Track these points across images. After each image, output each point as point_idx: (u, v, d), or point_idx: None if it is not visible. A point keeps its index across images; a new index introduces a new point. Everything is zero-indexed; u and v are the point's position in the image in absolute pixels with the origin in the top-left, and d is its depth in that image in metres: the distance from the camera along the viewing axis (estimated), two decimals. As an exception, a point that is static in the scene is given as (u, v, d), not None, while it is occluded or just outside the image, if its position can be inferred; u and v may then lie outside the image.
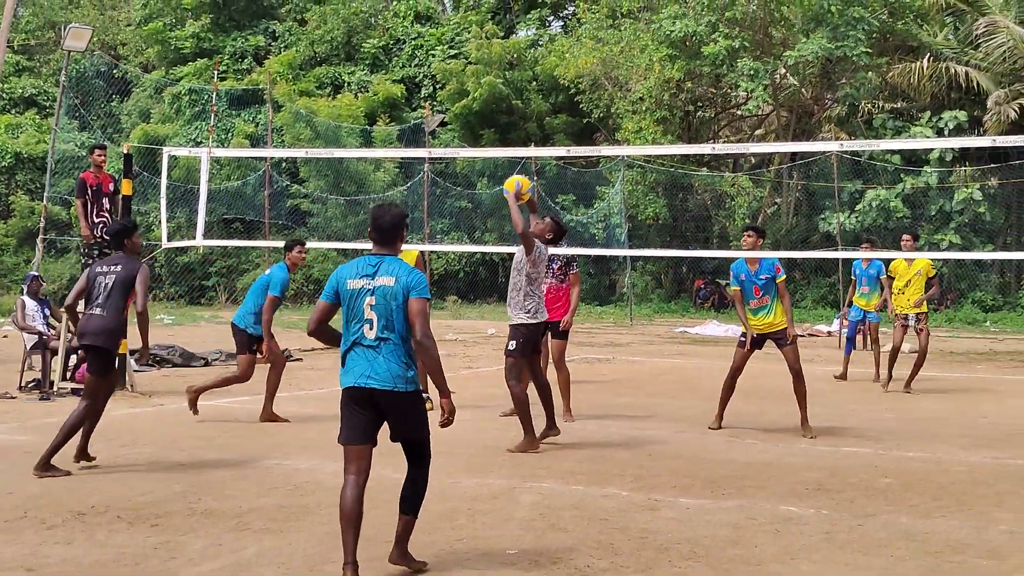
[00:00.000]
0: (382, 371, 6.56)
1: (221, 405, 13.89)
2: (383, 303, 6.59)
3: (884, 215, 32.02)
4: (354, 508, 6.53)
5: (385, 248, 6.83)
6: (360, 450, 6.66)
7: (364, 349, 6.63)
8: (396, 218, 6.88)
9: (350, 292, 6.69)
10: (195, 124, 39.77)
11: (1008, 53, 32.78)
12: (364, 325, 6.63)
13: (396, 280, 6.62)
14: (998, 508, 8.48)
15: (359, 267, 6.73)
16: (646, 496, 8.72)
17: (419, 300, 6.63)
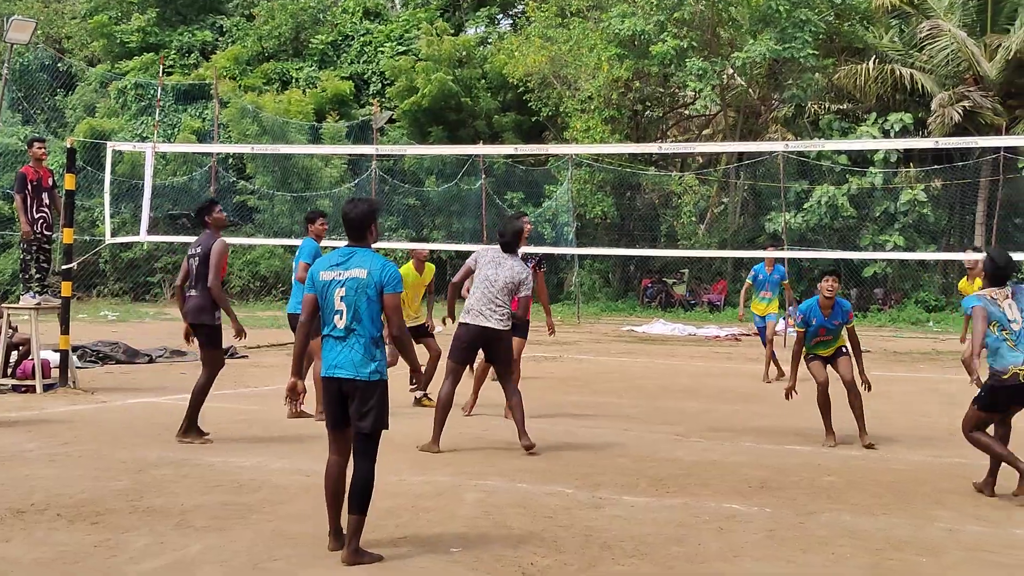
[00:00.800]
0: (347, 360, 6.85)
1: (163, 402, 13.77)
2: (353, 295, 6.82)
3: (832, 213, 32.26)
4: (337, 484, 7.01)
5: (356, 241, 7.03)
6: (340, 434, 7.05)
7: (334, 339, 6.92)
8: (365, 212, 7.05)
9: (323, 283, 6.93)
10: (141, 119, 39.40)
11: (951, 56, 33.15)
12: (335, 316, 6.88)
13: (369, 273, 6.83)
14: (938, 506, 8.57)
15: (331, 259, 6.98)
16: (591, 494, 8.73)
17: (393, 296, 6.88)
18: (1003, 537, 7.61)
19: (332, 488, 7.02)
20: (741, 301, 18.56)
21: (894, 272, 33.20)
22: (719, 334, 27.16)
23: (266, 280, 36.30)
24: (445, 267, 38.47)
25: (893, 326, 29.99)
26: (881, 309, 32.79)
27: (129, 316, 29.51)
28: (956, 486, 9.33)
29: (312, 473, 9.33)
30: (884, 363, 20.48)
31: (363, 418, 6.89)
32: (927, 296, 32.75)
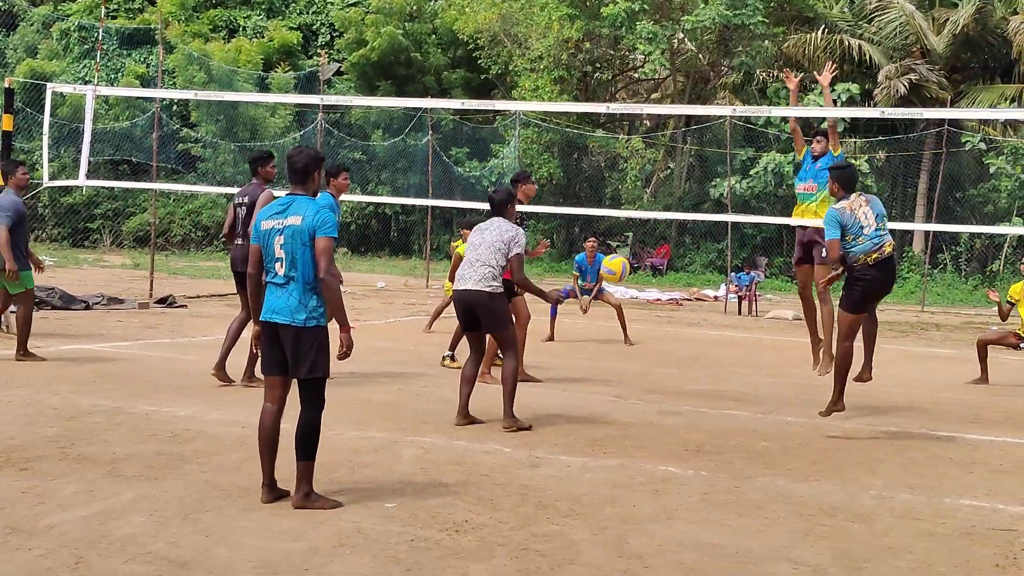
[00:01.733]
0: (284, 306, 6.86)
1: (98, 350, 13.62)
2: (290, 242, 6.84)
3: (777, 180, 32.41)
4: (269, 433, 6.98)
5: (298, 188, 7.05)
6: (275, 380, 7.03)
7: (274, 286, 6.93)
8: (309, 158, 7.08)
9: (264, 232, 6.96)
10: (84, 62, 38.81)
11: (900, 29, 33.36)
12: (276, 263, 6.91)
13: (303, 219, 6.85)
14: (870, 474, 8.64)
15: (272, 207, 7.02)
16: (528, 453, 8.73)
17: (324, 239, 6.84)
18: (934, 505, 7.68)
19: (266, 437, 6.99)
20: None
21: (836, 241, 33.39)
22: (660, 297, 27.26)
23: (208, 230, 35.96)
24: (390, 222, 38.35)
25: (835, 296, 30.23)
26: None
27: (67, 262, 29.15)
28: (888, 454, 9.43)
29: (248, 424, 9.26)
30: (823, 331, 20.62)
31: (300, 365, 6.89)
32: (867, 264, 33.04)
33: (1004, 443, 10.15)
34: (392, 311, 20.73)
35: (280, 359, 6.96)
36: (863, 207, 10.16)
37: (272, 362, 7.00)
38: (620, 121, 38.64)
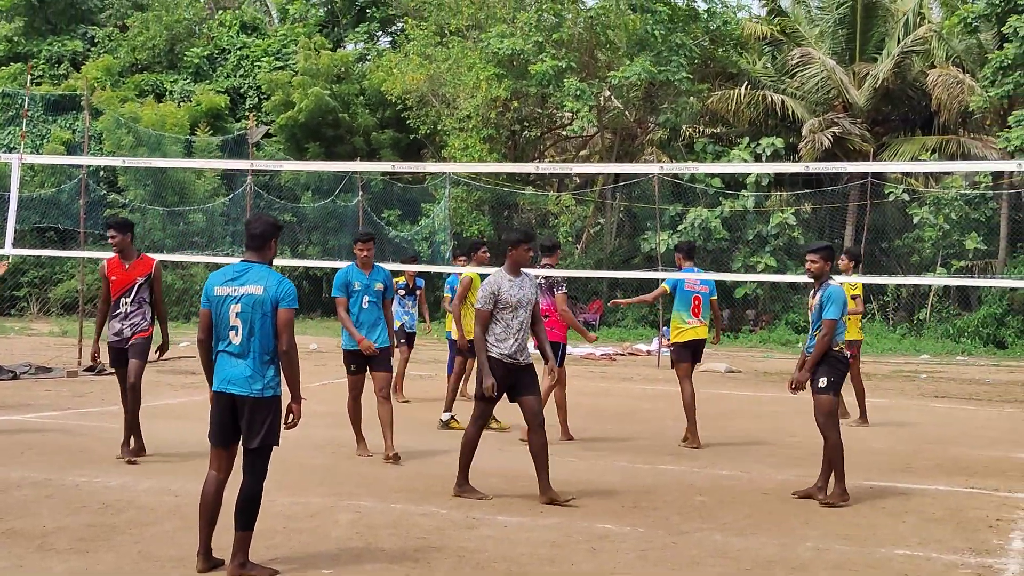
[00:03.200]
0: (238, 376, 6.83)
1: (27, 420, 13.42)
2: (248, 311, 6.82)
3: (705, 235, 32.74)
4: (211, 501, 6.94)
5: (255, 255, 7.06)
6: (221, 451, 7.02)
7: (229, 355, 6.89)
8: (266, 226, 7.12)
9: (217, 298, 6.92)
10: (7, 129, 38.44)
11: (821, 83, 33.94)
12: (231, 331, 6.86)
13: (265, 289, 6.85)
14: (806, 525, 8.71)
15: (226, 273, 6.99)
16: (464, 514, 8.70)
17: (287, 311, 6.89)
18: (868, 556, 7.76)
19: (208, 504, 6.94)
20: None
21: (765, 294, 33.77)
22: (594, 352, 27.34)
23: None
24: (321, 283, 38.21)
25: (764, 347, 30.50)
26: (752, 330, 33.34)
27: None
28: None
29: (181, 493, 9.17)
30: (754, 384, 20.81)
31: (253, 435, 6.85)
32: (797, 318, 33.36)
33: (936, 491, 10.28)
34: (325, 373, 20.60)
35: (231, 429, 6.94)
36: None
37: (222, 431, 6.97)
38: (550, 178, 38.87)
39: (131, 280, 11.16)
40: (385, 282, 11.66)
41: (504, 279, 9.63)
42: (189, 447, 11.55)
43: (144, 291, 11.18)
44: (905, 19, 34.35)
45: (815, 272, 9.95)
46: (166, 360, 21.96)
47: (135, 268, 11.23)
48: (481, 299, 9.57)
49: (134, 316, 11.08)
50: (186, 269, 35.86)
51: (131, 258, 11.26)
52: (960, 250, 31.62)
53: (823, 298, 9.80)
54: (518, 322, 9.54)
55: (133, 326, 11.06)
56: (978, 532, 8.63)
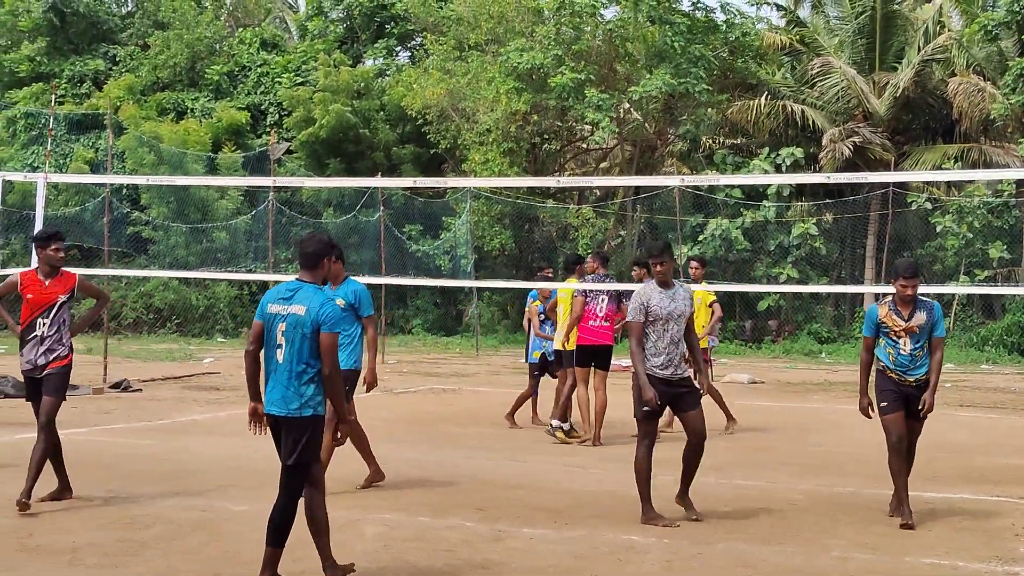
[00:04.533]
0: (279, 397, 6.86)
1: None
2: (292, 331, 6.82)
3: (726, 246, 32.73)
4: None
5: (308, 275, 7.02)
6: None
7: (274, 374, 6.92)
8: (319, 244, 7.07)
9: (269, 315, 6.95)
10: (32, 148, 38.72)
11: (841, 93, 33.89)
12: (276, 349, 6.90)
13: (307, 311, 6.81)
14: (830, 535, 8.70)
15: (280, 291, 6.99)
16: (490, 527, 8.73)
17: (329, 335, 6.84)
18: (892, 565, 7.75)
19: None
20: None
21: (787, 304, 33.72)
22: (619, 364, 27.31)
23: (160, 312, 35.75)
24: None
25: (786, 357, 30.43)
26: (775, 341, 33.28)
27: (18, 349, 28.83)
28: (847, 515, 9.49)
29: (208, 508, 9.23)
30: (777, 394, 20.77)
31: (292, 453, 6.90)
32: (819, 328, 33.31)
33: (962, 500, 10.26)
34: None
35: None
36: None
37: (281, 452, 7.05)
38: (570, 191, 38.88)
39: (51, 299, 9.63)
40: (347, 297, 10.13)
41: (654, 291, 9.34)
42: (214, 463, 11.61)
43: (65, 312, 9.68)
44: (925, 28, 34.32)
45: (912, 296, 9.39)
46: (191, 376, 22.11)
47: (56, 285, 9.67)
48: (632, 311, 9.32)
49: (51, 341, 9.53)
50: (209, 288, 36.00)
51: (53, 274, 9.71)
52: (983, 258, 31.52)
53: (935, 316, 9.46)
54: (669, 336, 9.27)
55: (48, 353, 9.54)
56: (1005, 541, 8.62)
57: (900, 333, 9.42)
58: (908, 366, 9.43)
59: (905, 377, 9.43)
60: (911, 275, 9.40)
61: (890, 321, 9.48)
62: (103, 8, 44.77)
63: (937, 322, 9.47)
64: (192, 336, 34.33)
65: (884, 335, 9.54)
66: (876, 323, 9.57)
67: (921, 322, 9.41)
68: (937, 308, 9.53)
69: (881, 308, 9.60)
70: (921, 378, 9.45)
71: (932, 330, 9.45)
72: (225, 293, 36.00)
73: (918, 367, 9.45)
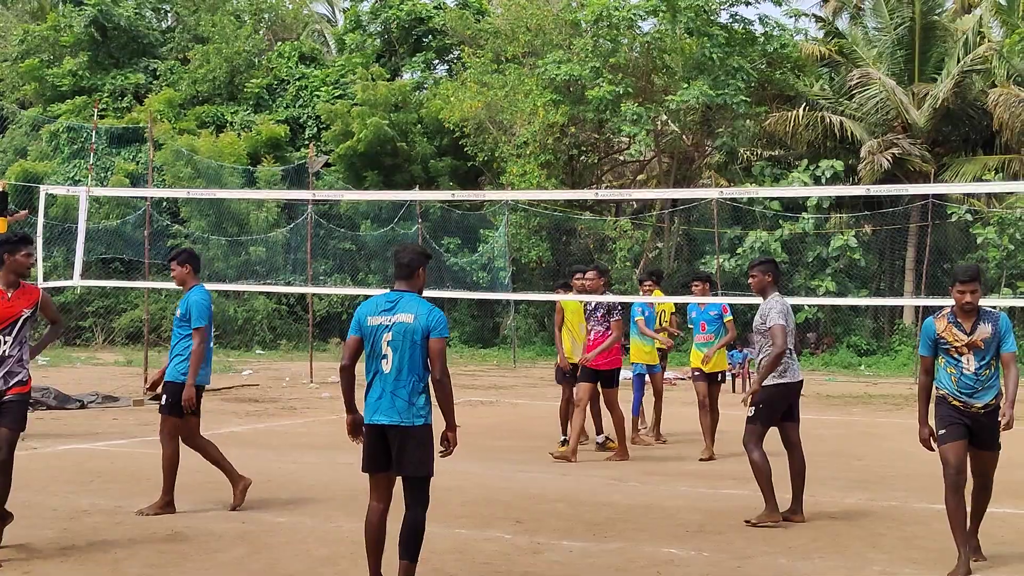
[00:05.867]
0: (391, 406, 6.88)
1: (95, 448, 13.59)
2: (400, 339, 6.88)
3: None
4: (377, 533, 7.06)
5: (404, 284, 7.09)
6: (382, 478, 7.07)
7: (380, 384, 6.92)
8: (414, 255, 7.15)
9: (370, 328, 6.97)
10: (73, 162, 39.06)
11: (880, 104, 33.73)
12: (382, 360, 6.91)
13: (415, 318, 6.90)
14: (873, 549, 8.64)
15: (378, 303, 7.04)
16: (529, 539, 8.72)
17: (439, 340, 6.93)
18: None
19: (373, 536, 7.08)
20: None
21: (826, 317, 33.55)
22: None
23: (192, 323, 35.87)
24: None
25: (826, 370, 30.27)
26: (813, 353, 33.11)
27: (60, 361, 29.10)
28: (889, 529, 9.42)
29: (248, 520, 9.27)
30: (817, 406, 20.66)
31: (407, 463, 6.91)
32: (859, 340, 33.12)
33: (1004, 514, 10.16)
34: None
35: (383, 457, 6.99)
36: None
37: (376, 459, 7.03)
38: (608, 203, 38.87)
39: (15, 312, 8.49)
40: (181, 305, 10.15)
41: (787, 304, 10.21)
42: (254, 474, 11.65)
43: (27, 329, 8.61)
44: (964, 38, 34.10)
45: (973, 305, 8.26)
46: (229, 389, 22.20)
47: (20, 298, 8.54)
48: (789, 321, 10.06)
49: (13, 363, 8.38)
50: (247, 300, 36.18)
51: (15, 285, 8.55)
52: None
53: (1002, 328, 8.27)
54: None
55: (9, 376, 8.35)
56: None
57: (962, 349, 8.20)
58: (974, 388, 8.21)
59: (972, 403, 8.21)
60: (968, 279, 8.21)
61: (950, 336, 8.27)
62: (143, 23, 45.12)
63: (1005, 335, 8.27)
64: (231, 348, 34.50)
65: (944, 353, 8.31)
66: (934, 339, 8.36)
67: (987, 336, 8.20)
68: (1004, 319, 8.32)
69: (939, 322, 8.38)
70: (991, 403, 8.23)
71: (1000, 345, 8.24)
72: (263, 306, 36.17)
73: (987, 389, 8.23)
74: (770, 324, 9.98)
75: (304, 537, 8.68)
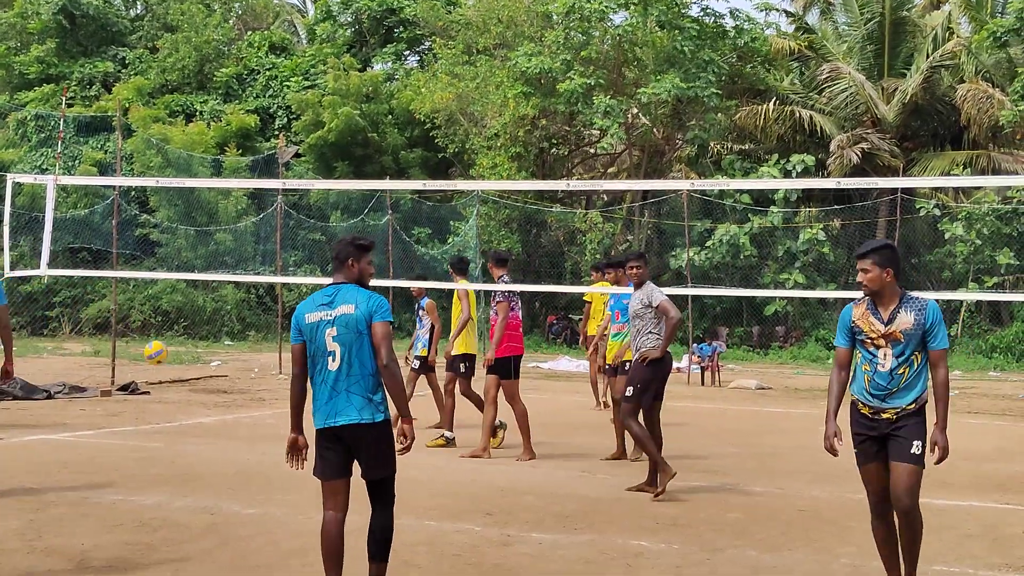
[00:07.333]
0: (346, 405, 6.50)
1: (61, 439, 13.50)
2: (344, 332, 6.52)
3: (733, 252, 32.72)
4: (337, 544, 6.57)
5: (340, 276, 6.75)
6: (336, 484, 6.64)
7: (330, 384, 6.54)
8: (343, 245, 6.83)
9: (310, 326, 6.60)
10: (41, 151, 38.81)
11: (850, 99, 33.90)
12: (328, 358, 6.53)
13: (356, 307, 6.55)
14: (841, 542, 8.67)
15: (315, 300, 6.68)
16: (499, 531, 8.71)
17: (383, 324, 6.57)
18: (904, 572, 7.71)
19: (333, 548, 6.61)
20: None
21: (795, 310, 33.69)
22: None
23: (167, 315, 35.77)
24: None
25: (794, 363, 30.41)
26: (782, 347, 33.25)
27: (26, 351, 28.87)
28: (858, 522, 9.44)
29: (216, 511, 9.22)
30: (786, 400, 20.75)
31: (375, 465, 6.60)
32: (827, 334, 33.23)
33: (971, 507, 10.23)
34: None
35: (342, 462, 6.62)
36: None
37: (332, 465, 6.63)
38: (578, 196, 38.91)
39: None
40: None
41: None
42: (223, 466, 11.61)
43: None
44: (934, 34, 34.34)
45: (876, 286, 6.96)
46: (198, 379, 22.12)
47: None
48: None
49: None
50: (216, 290, 36.02)
51: None
52: (992, 265, 31.47)
53: (929, 319, 6.83)
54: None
55: None
56: (1014, 548, 8.59)
57: (879, 342, 6.87)
58: (887, 390, 6.85)
59: (882, 407, 6.89)
60: (863, 252, 6.99)
61: (865, 324, 6.95)
62: (112, 11, 44.89)
63: (933, 328, 6.78)
64: (199, 339, 34.35)
65: (860, 345, 7.01)
66: (849, 327, 7.09)
67: (907, 326, 6.79)
68: (932, 308, 6.83)
69: (857, 307, 7.08)
70: (905, 408, 6.83)
71: (926, 338, 6.81)
72: (232, 296, 36.02)
73: (902, 391, 6.84)
74: (657, 302, 10.88)
75: (272, 529, 8.65)
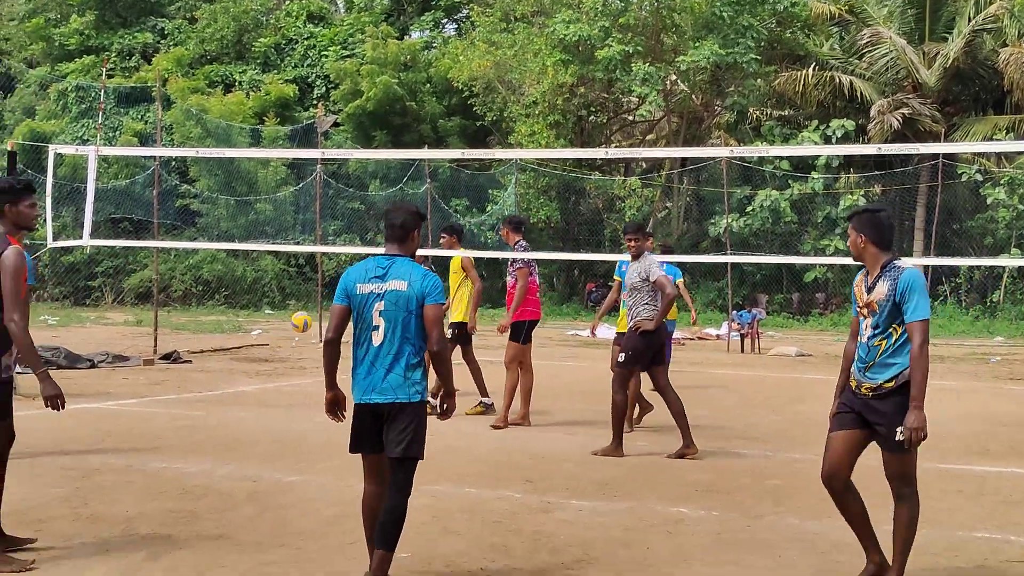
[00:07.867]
0: (383, 382, 6.29)
1: (105, 408, 13.64)
2: (393, 309, 6.28)
3: (774, 218, 32.56)
4: (376, 515, 6.38)
5: (397, 248, 6.47)
6: (373, 459, 6.48)
7: (371, 358, 6.33)
8: (408, 215, 6.52)
9: (359, 297, 6.35)
10: (82, 121, 39.08)
11: (891, 63, 33.56)
12: (372, 331, 6.31)
13: (409, 284, 6.29)
14: (881, 509, 8.64)
15: (368, 269, 6.39)
16: (539, 498, 8.74)
17: (435, 307, 6.30)
18: (946, 539, 7.70)
19: (374, 520, 6.41)
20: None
21: (835, 277, 33.53)
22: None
23: (208, 284, 36.03)
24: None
25: (834, 330, 30.26)
26: (822, 313, 33.11)
27: (70, 321, 29.18)
28: (899, 489, 9.42)
29: (259, 479, 9.30)
30: (825, 367, 20.66)
31: (399, 443, 6.30)
32: (867, 300, 33.11)
33: (1012, 474, 10.18)
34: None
35: (377, 438, 6.39)
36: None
37: (369, 440, 6.43)
38: (616, 163, 38.81)
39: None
40: None
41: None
42: (264, 434, 11.71)
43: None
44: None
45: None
46: (239, 348, 22.28)
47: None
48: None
49: None
50: (256, 260, 36.22)
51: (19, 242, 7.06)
52: (1035, 231, 31.22)
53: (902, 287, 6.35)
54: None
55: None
56: (1057, 515, 8.54)
57: (863, 311, 6.55)
58: (865, 362, 6.48)
59: (861, 381, 6.51)
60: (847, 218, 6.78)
61: (858, 293, 6.68)
62: (151, -19, 45.04)
63: (905, 295, 6.29)
64: (240, 308, 34.59)
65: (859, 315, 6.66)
66: (854, 296, 6.78)
67: (880, 296, 6.41)
68: (908, 275, 6.35)
69: (860, 276, 6.76)
70: (883, 386, 6.39)
71: (898, 309, 6.34)
72: (272, 266, 36.24)
73: (879, 367, 6.41)
74: (655, 277, 10.93)
75: (314, 496, 8.71)
